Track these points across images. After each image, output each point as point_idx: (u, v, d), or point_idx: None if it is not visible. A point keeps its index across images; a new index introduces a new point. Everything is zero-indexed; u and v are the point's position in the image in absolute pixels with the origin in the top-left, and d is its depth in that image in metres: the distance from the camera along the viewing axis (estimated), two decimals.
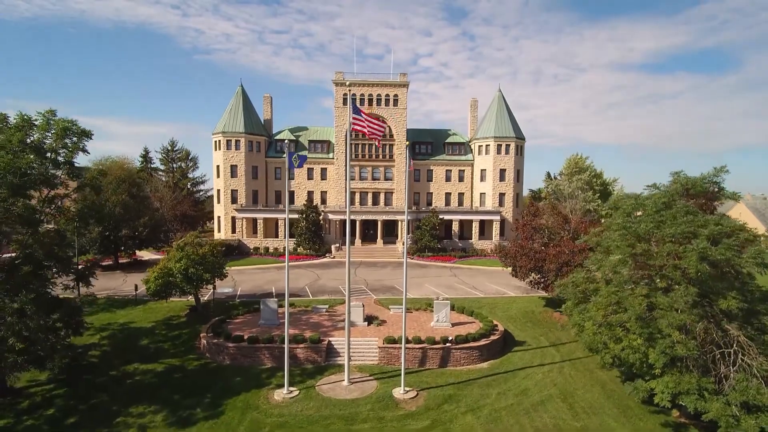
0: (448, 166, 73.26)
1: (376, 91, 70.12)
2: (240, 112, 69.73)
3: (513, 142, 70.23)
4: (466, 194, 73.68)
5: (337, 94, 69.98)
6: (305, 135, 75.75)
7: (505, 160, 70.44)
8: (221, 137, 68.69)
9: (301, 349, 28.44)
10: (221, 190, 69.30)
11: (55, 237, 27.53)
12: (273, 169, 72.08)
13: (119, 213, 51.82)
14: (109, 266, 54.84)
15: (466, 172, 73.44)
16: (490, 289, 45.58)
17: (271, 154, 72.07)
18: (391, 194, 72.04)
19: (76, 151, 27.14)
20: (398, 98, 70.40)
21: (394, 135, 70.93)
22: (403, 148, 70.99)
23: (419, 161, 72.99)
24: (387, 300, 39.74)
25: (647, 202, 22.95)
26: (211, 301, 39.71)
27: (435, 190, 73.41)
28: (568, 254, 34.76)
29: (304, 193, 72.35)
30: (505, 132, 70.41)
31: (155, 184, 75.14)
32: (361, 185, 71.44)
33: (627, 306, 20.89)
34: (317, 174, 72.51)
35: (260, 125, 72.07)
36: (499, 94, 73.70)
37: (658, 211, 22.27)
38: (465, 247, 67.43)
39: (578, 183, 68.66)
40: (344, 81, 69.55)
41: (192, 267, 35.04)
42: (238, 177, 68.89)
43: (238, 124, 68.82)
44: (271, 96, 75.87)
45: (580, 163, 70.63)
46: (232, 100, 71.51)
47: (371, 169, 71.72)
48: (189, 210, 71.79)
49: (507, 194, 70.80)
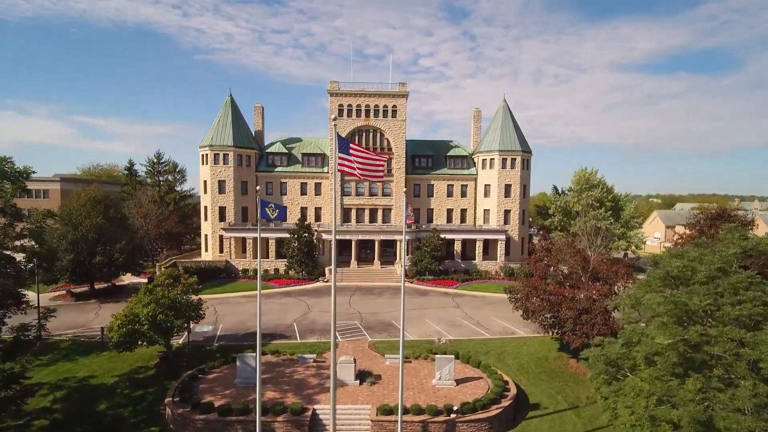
0: (449, 180, 69.07)
1: (374, 102, 65.95)
2: (229, 124, 65.55)
3: (519, 155, 66.05)
4: (469, 211, 69.50)
5: (331, 105, 65.83)
6: (298, 147, 71.59)
7: (511, 174, 66.25)
8: (208, 151, 64.51)
9: (280, 424, 24.29)
10: (208, 207, 65.13)
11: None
12: (264, 184, 67.87)
13: (93, 238, 47.72)
14: (83, 294, 50.76)
15: (469, 187, 69.26)
16: (497, 326, 41.43)
17: (262, 168, 67.88)
18: (389, 211, 67.87)
19: (15, 192, 23.05)
20: (397, 109, 66.23)
21: (393, 148, 66.75)
22: (402, 162, 66.85)
23: (419, 175, 68.82)
24: (383, 344, 35.61)
25: (699, 267, 18.77)
26: (187, 345, 35.59)
27: (436, 206, 69.24)
28: (587, 300, 30.62)
29: (296, 210, 68.21)
30: (510, 145, 66.25)
31: (140, 199, 71.06)
32: (357, 201, 67.28)
33: (677, 401, 16.77)
34: (311, 189, 68.35)
35: (250, 137, 67.91)
36: (503, 105, 69.50)
37: (713, 279, 18.13)
38: (468, 268, 63.26)
39: (588, 200, 64.58)
40: (339, 91, 65.39)
41: (162, 313, 30.91)
42: (227, 193, 64.70)
43: (226, 137, 64.64)
44: (262, 106, 71.70)
45: (590, 178, 66.44)
46: (220, 111, 67.33)
47: (368, 185, 67.53)
48: (175, 227, 67.63)
49: (513, 211, 66.62)
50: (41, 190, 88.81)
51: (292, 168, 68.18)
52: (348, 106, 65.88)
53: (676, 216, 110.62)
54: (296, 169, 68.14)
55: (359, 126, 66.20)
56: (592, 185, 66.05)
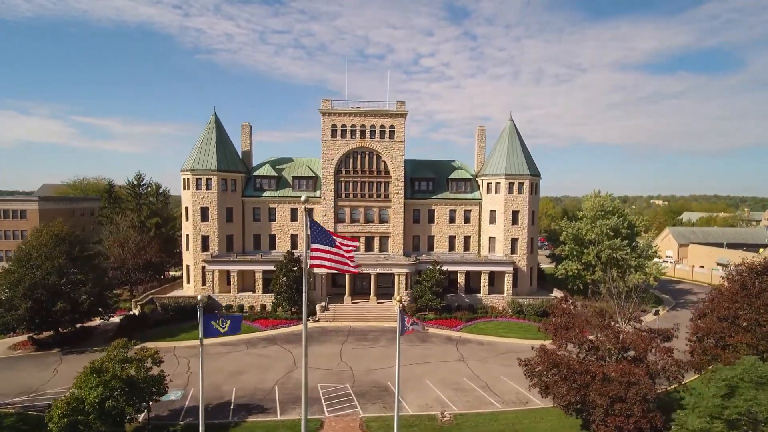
0: (452, 205, 63.96)
1: (369, 122, 60.90)
2: (212, 146, 60.48)
3: (527, 179, 60.96)
4: (473, 238, 64.39)
5: (324, 125, 60.78)
6: (289, 168, 66.51)
7: (518, 200, 61.15)
8: (190, 175, 59.43)
9: None
10: (190, 236, 60.04)
11: None
12: (251, 209, 62.80)
13: (54, 282, 42.62)
14: (46, 342, 45.58)
15: (472, 213, 64.16)
16: (509, 390, 36.26)
17: (249, 192, 62.81)
18: (386, 239, 62.75)
19: None
20: (395, 129, 61.17)
21: (391, 171, 61.69)
22: (400, 186, 61.75)
23: (419, 200, 63.71)
24: (377, 422, 30.46)
25: None
26: (147, 424, 30.42)
27: (437, 233, 64.12)
28: (621, 384, 25.46)
29: (286, 237, 63.14)
30: (517, 168, 61.16)
31: (118, 224, 65.96)
32: (352, 228, 62.17)
33: None
34: (302, 215, 63.07)
35: (236, 160, 62.82)
36: (510, 124, 64.44)
37: None
38: (472, 303, 58.11)
39: (603, 228, 59.46)
40: (332, 110, 60.36)
41: (111, 398, 25.83)
42: (210, 221, 59.60)
43: (209, 160, 59.57)
44: (250, 124, 66.64)
45: (605, 204, 61.23)
46: (203, 131, 62.28)
47: (364, 210, 62.47)
48: (155, 256, 62.48)
49: (520, 239, 61.49)
50: (18, 210, 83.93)
51: (281, 192, 63.11)
52: (342, 127, 60.85)
53: (689, 233, 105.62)
54: (286, 193, 63.06)
55: (354, 148, 61.15)
56: (606, 212, 60.88)
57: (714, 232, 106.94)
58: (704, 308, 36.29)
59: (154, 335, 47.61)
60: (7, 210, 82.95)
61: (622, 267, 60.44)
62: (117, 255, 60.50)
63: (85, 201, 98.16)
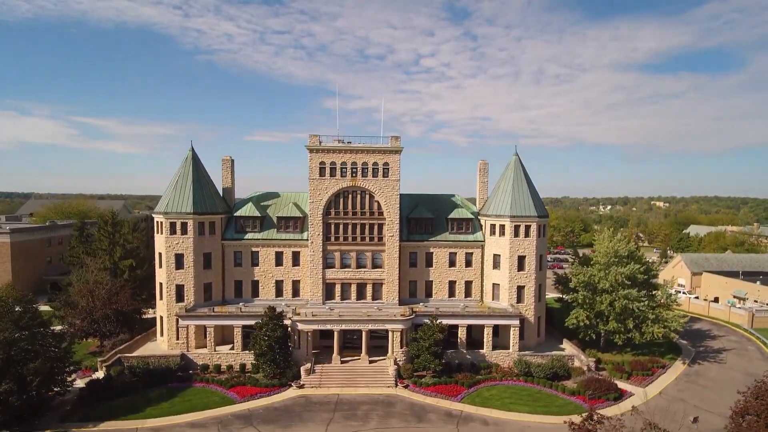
0: (452, 248, 58.48)
1: (362, 159, 55.51)
2: (188, 186, 55.03)
3: (534, 222, 55.52)
4: (474, 283, 58.90)
5: (311, 163, 55.39)
6: (275, 206, 61.06)
7: (525, 244, 55.68)
8: (163, 219, 53.98)
9: None
10: (164, 284, 54.55)
11: None
12: (232, 254, 57.32)
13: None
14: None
15: (474, 256, 58.69)
16: None
17: (229, 235, 57.35)
18: (380, 285, 57.26)
19: None
20: (389, 167, 55.77)
21: (385, 212, 56.27)
22: (395, 229, 56.29)
23: (416, 242, 58.24)
24: None
25: None
26: None
27: (436, 278, 58.63)
28: None
29: (270, 283, 57.68)
30: (524, 210, 55.72)
31: (89, 266, 60.43)
32: (342, 275, 56.71)
33: None
34: (287, 259, 57.74)
35: (215, 200, 57.26)
36: (515, 160, 59.05)
37: None
38: (475, 360, 52.57)
39: (618, 277, 53.98)
40: (321, 147, 54.97)
41: None
42: (185, 269, 54.11)
43: (185, 203, 54.10)
44: (231, 158, 61.19)
45: (620, 250, 55.65)
46: (179, 169, 56.86)
47: (355, 255, 56.99)
48: (126, 304, 56.85)
49: (527, 287, 56.01)
50: None
51: (265, 234, 57.62)
52: (331, 164, 55.46)
53: (702, 261, 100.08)
54: (270, 235, 57.57)
55: (345, 187, 55.75)
56: (621, 258, 55.34)
57: (729, 259, 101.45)
58: (747, 405, 30.99)
59: (116, 409, 42.07)
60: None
61: (638, 317, 55.05)
62: (85, 304, 54.96)
63: (62, 228, 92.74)
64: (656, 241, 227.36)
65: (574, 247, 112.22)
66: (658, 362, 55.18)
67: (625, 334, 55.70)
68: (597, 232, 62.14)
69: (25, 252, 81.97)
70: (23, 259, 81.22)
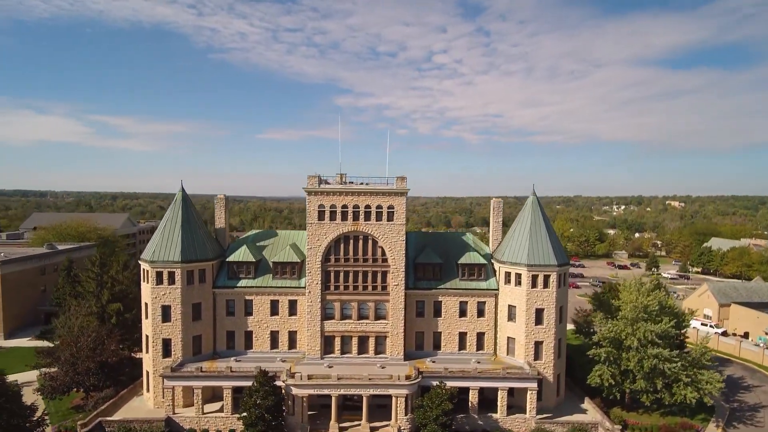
0: (462, 296, 53.56)
1: (364, 202, 50.85)
2: (177, 231, 50.86)
3: (554, 272, 50.35)
4: (487, 335, 53.92)
5: (310, 206, 50.90)
6: (271, 247, 56.80)
7: (544, 296, 50.56)
8: (149, 267, 49.86)
9: None
10: (150, 338, 50.49)
11: None
12: (224, 302, 53.10)
13: None
14: None
15: (487, 305, 53.71)
16: None
17: (221, 282, 53.11)
18: (384, 338, 52.59)
19: None
20: (394, 210, 51.03)
21: (389, 259, 51.57)
22: (400, 277, 51.58)
23: (423, 290, 53.44)
24: None
25: None
26: None
27: (445, 329, 53.79)
28: None
29: (265, 334, 53.37)
30: (542, 258, 50.58)
31: (77, 310, 56.71)
32: (342, 327, 52.16)
33: None
34: (283, 308, 53.35)
35: (206, 244, 52.89)
36: (533, 200, 53.90)
37: None
38: (488, 427, 47.70)
39: (647, 335, 48.64)
40: (319, 189, 50.45)
41: None
42: (172, 321, 49.95)
43: (172, 251, 49.93)
44: (225, 196, 56.99)
45: (650, 306, 50.14)
46: (168, 212, 52.81)
47: (357, 305, 52.39)
48: (112, 355, 52.95)
49: (546, 342, 50.89)
50: None
51: (260, 281, 53.28)
52: (331, 207, 50.89)
53: (730, 290, 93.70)
54: (265, 282, 53.22)
55: (345, 232, 51.16)
56: (651, 313, 49.93)
57: (759, 289, 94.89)
58: None
59: None
60: None
61: (669, 377, 49.70)
62: (69, 356, 51.17)
63: (56, 255, 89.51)
64: (674, 252, 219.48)
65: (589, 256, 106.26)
66: (690, 426, 49.82)
67: (653, 394, 50.50)
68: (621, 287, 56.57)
69: (18, 283, 78.83)
70: (16, 291, 78.08)
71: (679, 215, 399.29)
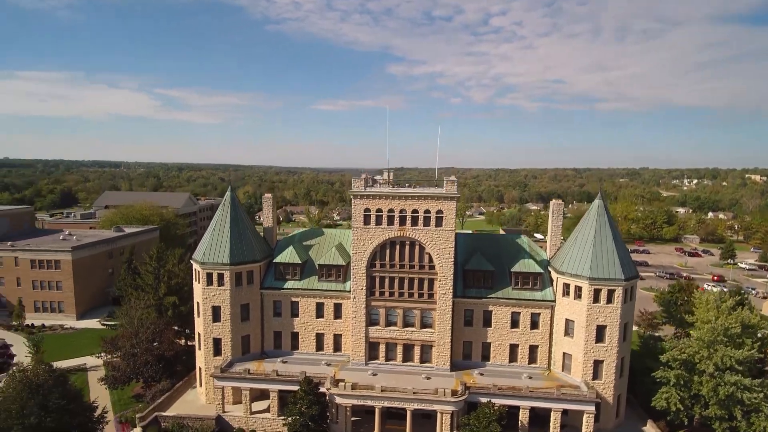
0: (515, 307, 50.37)
1: (411, 206, 48.35)
2: (226, 234, 51.14)
3: (620, 286, 45.79)
4: (541, 348, 50.69)
5: (355, 210, 49.21)
6: (317, 247, 56.08)
7: (606, 312, 46.33)
8: (200, 268, 50.78)
9: None
10: (202, 336, 51.98)
11: None
12: (271, 303, 53.38)
13: None
14: None
15: (542, 317, 50.25)
16: None
17: (268, 283, 53.26)
18: (429, 347, 50.90)
19: None
20: (443, 215, 48.19)
21: (437, 266, 49.18)
22: (448, 285, 49.17)
23: (472, 299, 50.79)
24: None
25: None
26: None
27: (494, 339, 51.14)
28: None
29: (311, 336, 53.35)
30: (607, 271, 46.06)
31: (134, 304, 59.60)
32: (387, 334, 50.98)
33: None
34: (329, 311, 52.85)
35: (254, 245, 52.89)
36: (598, 205, 48.92)
37: None
38: None
39: (727, 360, 43.44)
40: (365, 193, 48.48)
41: None
42: (222, 322, 50.94)
43: (221, 253, 50.37)
44: (272, 195, 56.53)
45: (731, 327, 44.55)
46: (218, 213, 53.15)
47: (402, 312, 50.82)
48: (168, 349, 55.33)
49: (607, 362, 46.97)
50: (52, 261, 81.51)
51: (305, 283, 52.88)
52: (377, 212, 48.91)
53: None
54: (311, 284, 52.76)
55: (392, 237, 49.15)
56: (732, 336, 44.39)
57: None
58: None
59: None
60: (42, 260, 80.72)
61: (749, 407, 44.45)
62: (129, 348, 54.03)
63: (124, 238, 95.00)
64: (754, 237, 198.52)
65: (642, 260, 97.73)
66: None
67: (728, 422, 45.55)
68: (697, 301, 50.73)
69: (88, 267, 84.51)
70: (86, 275, 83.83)
71: (761, 191, 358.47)
